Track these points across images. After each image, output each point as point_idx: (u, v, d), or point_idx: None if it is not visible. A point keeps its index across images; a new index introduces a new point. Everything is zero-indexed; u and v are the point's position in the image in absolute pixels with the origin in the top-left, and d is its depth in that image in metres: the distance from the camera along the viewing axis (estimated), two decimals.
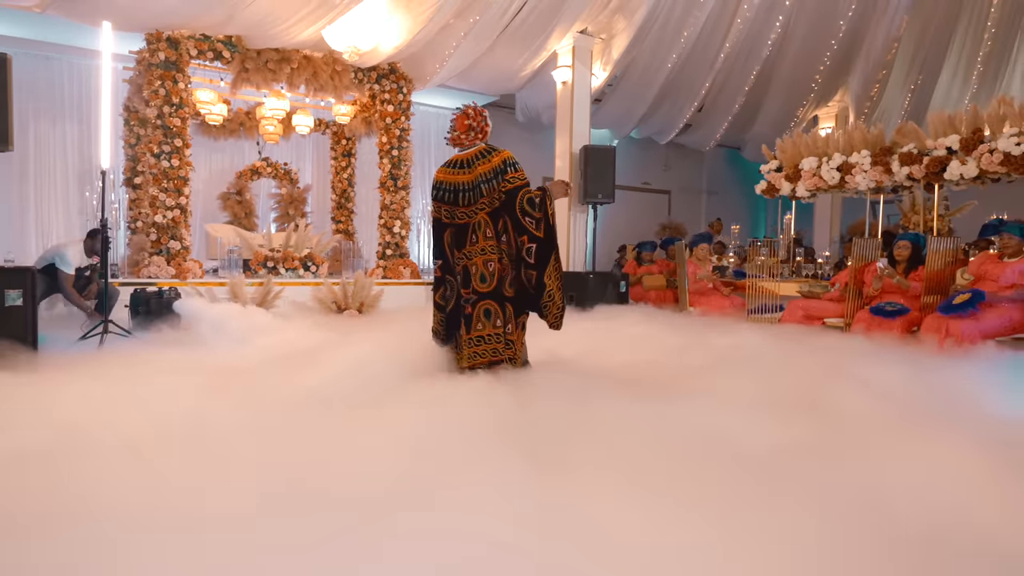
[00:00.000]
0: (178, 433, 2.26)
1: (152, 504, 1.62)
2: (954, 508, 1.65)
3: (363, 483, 1.77)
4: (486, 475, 1.82)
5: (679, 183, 14.07)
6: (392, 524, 1.54)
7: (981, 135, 5.69)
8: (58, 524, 1.52)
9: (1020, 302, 4.79)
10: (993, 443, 2.13)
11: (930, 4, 7.97)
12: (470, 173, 3.07)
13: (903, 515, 1.60)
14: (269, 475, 1.85)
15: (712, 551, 1.42)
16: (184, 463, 1.93)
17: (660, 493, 1.71)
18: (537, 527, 1.52)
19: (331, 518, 1.55)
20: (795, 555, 1.42)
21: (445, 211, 3.16)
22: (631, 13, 6.99)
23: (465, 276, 3.07)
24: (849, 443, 2.17)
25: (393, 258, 8.35)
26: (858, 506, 1.64)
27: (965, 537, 1.50)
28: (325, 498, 1.67)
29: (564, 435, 2.21)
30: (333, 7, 6.12)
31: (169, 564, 1.38)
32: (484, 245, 3.03)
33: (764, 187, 7.33)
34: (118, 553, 1.40)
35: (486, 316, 3.03)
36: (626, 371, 3.50)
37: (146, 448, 2.08)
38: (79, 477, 1.81)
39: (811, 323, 5.95)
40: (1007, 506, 1.69)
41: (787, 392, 2.91)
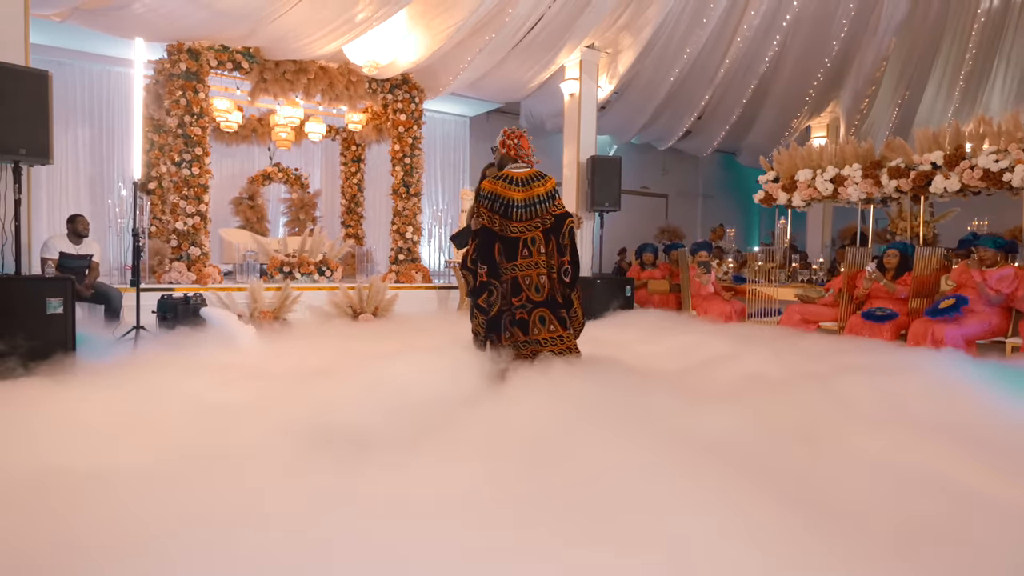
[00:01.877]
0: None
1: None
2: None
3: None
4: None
5: (676, 187, 14.47)
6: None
7: (963, 151, 6.13)
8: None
9: (999, 307, 5.23)
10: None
11: (917, 27, 8.50)
12: (524, 191, 3.36)
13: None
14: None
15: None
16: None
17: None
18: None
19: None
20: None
21: (499, 222, 3.37)
22: (638, 31, 7.37)
23: (515, 286, 3.34)
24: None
25: (406, 263, 8.63)
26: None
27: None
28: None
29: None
30: (356, 26, 6.42)
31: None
32: (537, 260, 3.34)
33: (762, 196, 7.73)
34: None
35: (541, 322, 3.36)
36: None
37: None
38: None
39: (808, 327, 6.37)
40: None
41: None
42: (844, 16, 8.03)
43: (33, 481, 1.94)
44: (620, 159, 8.14)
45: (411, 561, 1.51)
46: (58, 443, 2.38)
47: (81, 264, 5.48)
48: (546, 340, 3.37)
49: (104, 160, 9.03)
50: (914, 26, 8.43)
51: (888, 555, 1.59)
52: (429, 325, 6.98)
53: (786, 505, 1.82)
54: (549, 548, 1.57)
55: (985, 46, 9.09)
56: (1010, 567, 1.62)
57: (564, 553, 1.55)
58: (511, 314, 3.37)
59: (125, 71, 8.75)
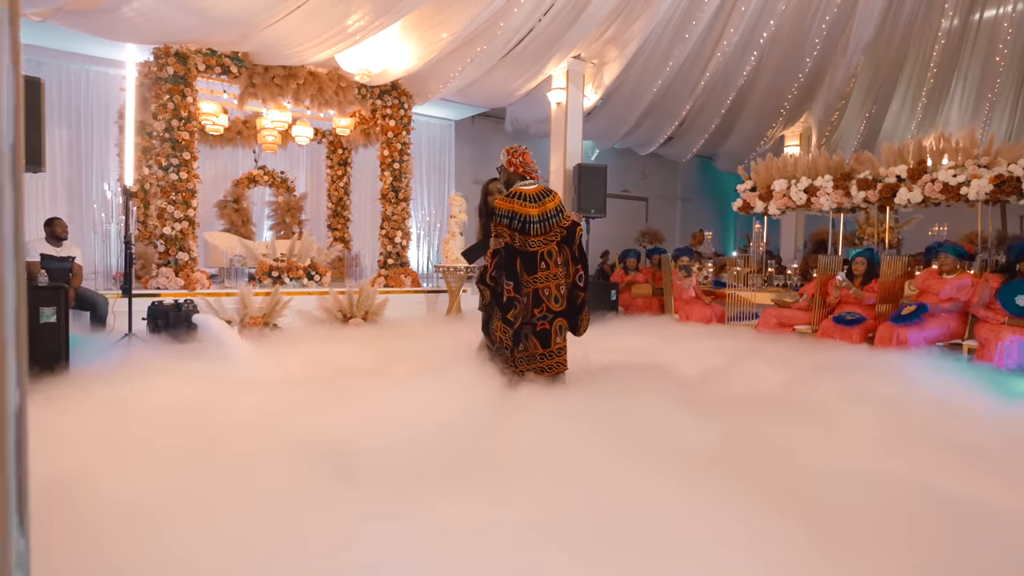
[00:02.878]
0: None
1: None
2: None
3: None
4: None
5: (656, 191, 14.82)
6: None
7: (925, 166, 6.55)
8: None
9: (957, 312, 5.64)
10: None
11: (883, 47, 9.02)
12: (539, 207, 3.54)
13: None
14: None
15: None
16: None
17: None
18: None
19: None
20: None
21: (518, 239, 3.53)
22: (624, 44, 7.66)
23: (535, 298, 3.53)
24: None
25: (395, 267, 8.74)
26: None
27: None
28: None
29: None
30: (349, 36, 6.54)
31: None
32: (555, 271, 3.55)
33: (740, 204, 8.09)
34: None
35: (560, 331, 3.59)
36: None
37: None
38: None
39: (783, 330, 6.73)
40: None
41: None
42: (817, 36, 8.47)
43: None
44: (605, 167, 8.42)
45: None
46: (54, 465, 2.16)
47: (63, 267, 5.40)
48: (560, 350, 3.58)
49: (82, 162, 8.82)
50: (880, 46, 8.97)
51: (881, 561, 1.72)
52: (420, 330, 7.12)
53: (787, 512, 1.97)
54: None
55: (945, 66, 9.73)
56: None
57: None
58: (531, 326, 3.52)
59: (104, 71, 8.60)
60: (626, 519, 1.90)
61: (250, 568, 1.62)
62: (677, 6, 7.43)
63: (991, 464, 2.50)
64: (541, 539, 1.79)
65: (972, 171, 6.08)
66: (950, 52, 9.45)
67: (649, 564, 1.68)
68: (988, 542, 1.85)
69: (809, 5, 8.12)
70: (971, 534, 1.88)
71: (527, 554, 1.72)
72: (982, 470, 2.40)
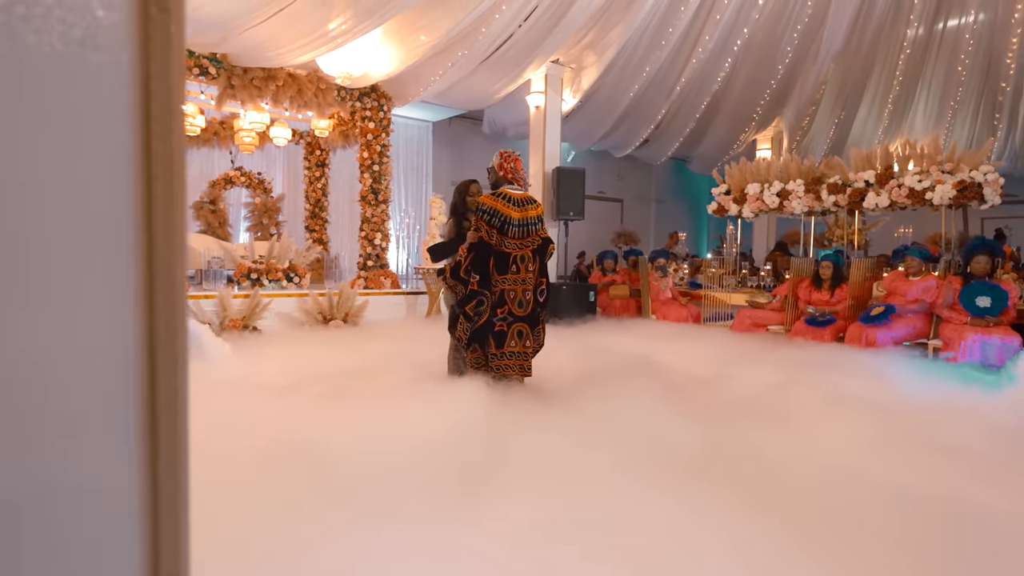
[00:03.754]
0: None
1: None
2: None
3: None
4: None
5: (631, 192, 15.02)
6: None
7: (891, 171, 6.79)
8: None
9: (922, 313, 5.88)
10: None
11: (851, 56, 9.36)
12: (520, 211, 3.60)
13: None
14: None
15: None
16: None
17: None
18: None
19: None
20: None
21: (495, 237, 3.57)
22: (602, 50, 7.80)
23: (501, 298, 3.57)
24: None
25: (374, 269, 8.75)
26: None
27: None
28: None
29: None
30: (331, 40, 6.55)
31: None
32: (525, 276, 3.59)
33: (715, 207, 8.28)
34: None
35: (519, 336, 3.61)
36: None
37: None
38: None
39: (758, 330, 6.93)
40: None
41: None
42: (788, 44, 8.74)
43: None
44: (583, 170, 8.55)
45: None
46: None
47: None
48: (518, 354, 3.59)
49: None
50: (849, 55, 9.31)
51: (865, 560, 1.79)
52: (400, 332, 7.18)
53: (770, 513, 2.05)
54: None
55: (910, 74, 10.13)
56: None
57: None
58: (491, 325, 3.56)
59: None
60: (615, 528, 1.94)
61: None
62: (654, 14, 7.59)
63: (974, 463, 2.62)
64: (534, 546, 1.83)
65: (936, 177, 6.33)
66: (915, 61, 9.85)
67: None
68: (976, 541, 1.91)
69: (781, 15, 8.37)
70: (959, 534, 1.94)
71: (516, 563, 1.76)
72: (970, 472, 2.51)
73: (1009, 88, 9.66)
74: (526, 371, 3.66)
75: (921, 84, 10.28)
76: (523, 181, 3.78)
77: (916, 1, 8.93)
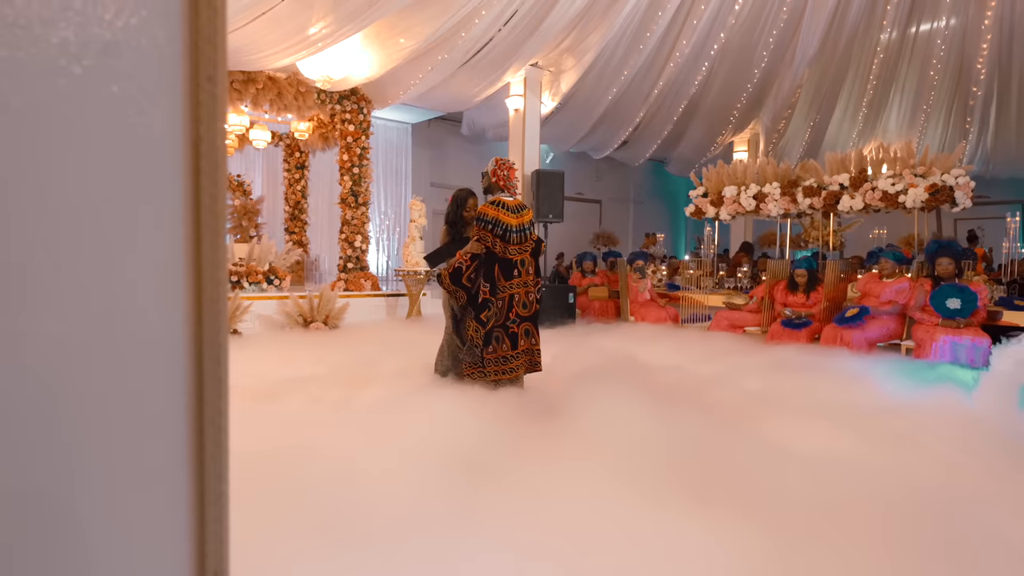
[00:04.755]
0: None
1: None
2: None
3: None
4: None
5: (609, 193, 15.11)
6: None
7: (865, 175, 6.94)
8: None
9: (896, 315, 6.02)
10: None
11: (826, 61, 9.53)
12: (518, 218, 3.80)
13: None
14: None
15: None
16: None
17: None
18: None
19: None
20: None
21: (500, 246, 3.73)
22: (581, 55, 7.86)
23: (509, 303, 3.76)
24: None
25: (355, 271, 8.73)
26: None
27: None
28: None
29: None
30: (311, 44, 6.52)
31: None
32: (526, 279, 3.81)
33: (692, 210, 8.38)
34: None
35: (527, 335, 3.84)
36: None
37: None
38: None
39: (735, 331, 7.03)
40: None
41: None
42: (764, 49, 8.87)
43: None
44: (563, 173, 8.60)
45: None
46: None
47: None
48: (527, 351, 3.84)
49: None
50: (824, 60, 9.48)
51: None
52: (381, 334, 7.17)
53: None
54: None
55: (884, 78, 10.36)
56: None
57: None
58: (503, 328, 3.75)
59: None
60: (602, 537, 1.98)
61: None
62: (632, 18, 7.66)
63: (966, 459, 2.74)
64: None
65: (909, 180, 6.47)
66: (889, 66, 10.07)
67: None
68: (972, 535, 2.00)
69: (757, 20, 8.50)
70: (945, 527, 2.02)
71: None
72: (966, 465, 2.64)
73: (980, 93, 9.91)
74: (537, 365, 3.91)
75: (894, 88, 10.52)
76: (514, 190, 3.91)
77: (889, 7, 9.12)
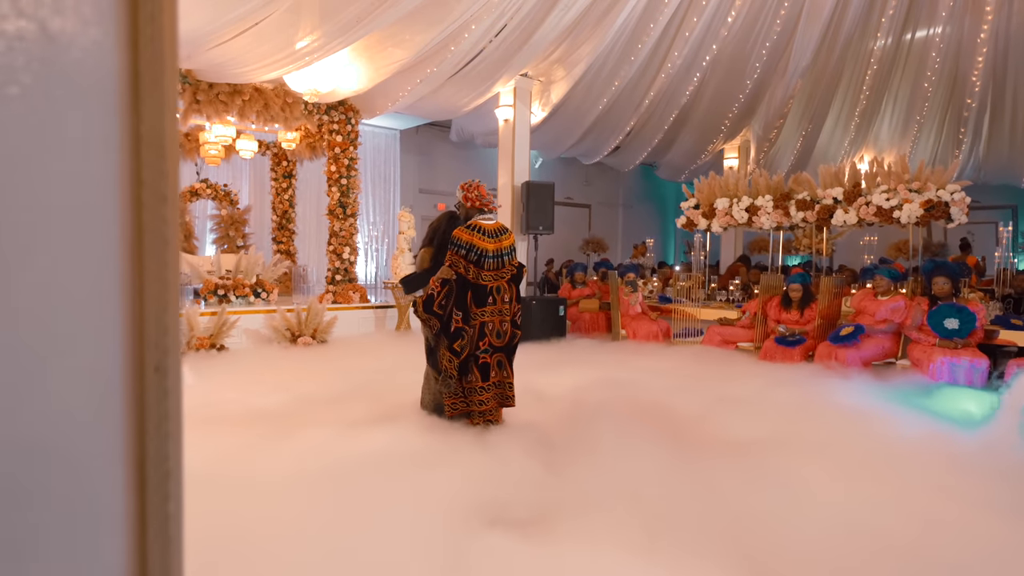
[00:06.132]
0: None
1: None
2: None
3: None
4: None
5: (598, 197, 15.04)
6: None
7: (859, 189, 6.90)
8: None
9: (891, 333, 5.98)
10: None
11: (819, 72, 9.48)
12: (495, 243, 3.60)
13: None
14: None
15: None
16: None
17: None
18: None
19: None
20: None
21: (472, 271, 3.56)
22: (571, 66, 7.77)
23: (480, 332, 3.58)
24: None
25: (343, 283, 8.60)
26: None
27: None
28: None
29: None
30: (298, 58, 6.40)
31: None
32: (502, 307, 3.61)
33: (684, 222, 8.32)
34: None
35: (499, 366, 3.64)
36: None
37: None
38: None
39: (727, 347, 6.98)
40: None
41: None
42: (757, 60, 8.82)
43: None
44: (553, 184, 8.52)
45: None
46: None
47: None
48: (499, 383, 3.64)
49: None
50: (817, 71, 9.44)
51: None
52: (370, 349, 7.07)
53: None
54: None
55: (877, 88, 10.33)
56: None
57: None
58: (475, 358, 3.58)
59: None
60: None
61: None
62: (624, 30, 7.57)
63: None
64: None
65: (904, 195, 6.43)
66: (882, 75, 10.05)
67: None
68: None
69: (750, 33, 8.44)
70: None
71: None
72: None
73: (975, 104, 9.94)
74: (508, 400, 3.69)
75: (887, 98, 10.51)
76: (492, 205, 3.77)
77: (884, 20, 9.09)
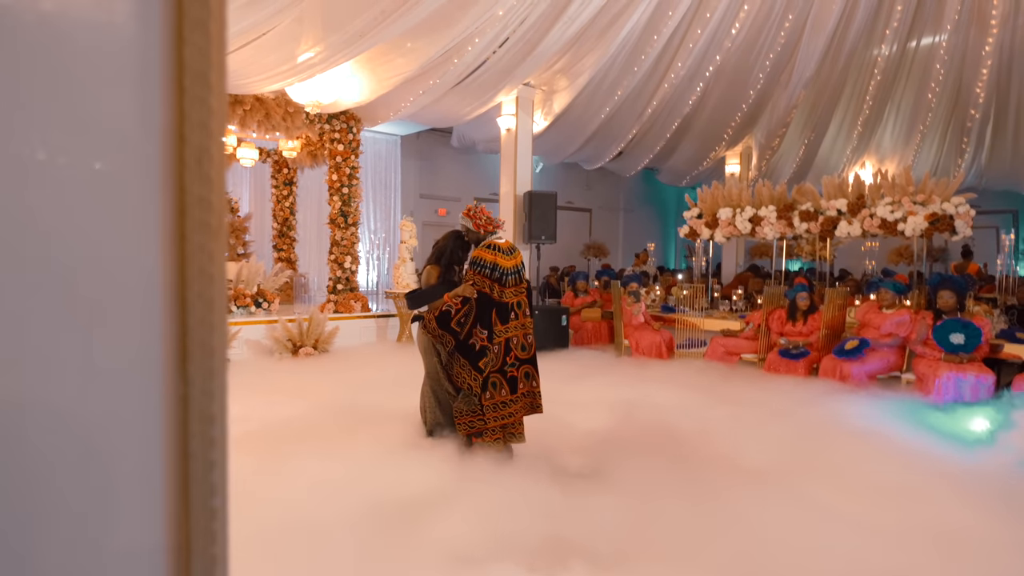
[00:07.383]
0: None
1: None
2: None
3: None
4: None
5: (599, 202, 15.01)
6: None
7: (863, 201, 6.87)
8: None
9: (896, 346, 5.97)
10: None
11: (823, 82, 9.47)
12: (512, 260, 3.70)
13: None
14: None
15: None
16: None
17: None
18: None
19: None
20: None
21: (496, 290, 3.63)
22: (575, 76, 7.74)
23: (506, 347, 3.64)
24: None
25: (344, 292, 8.55)
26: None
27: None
28: None
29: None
30: (301, 71, 6.35)
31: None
32: (524, 321, 3.70)
33: (687, 231, 8.29)
34: None
35: (527, 377, 3.71)
36: None
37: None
38: None
39: (731, 359, 6.96)
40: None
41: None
42: (761, 71, 8.81)
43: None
44: (555, 194, 8.48)
45: None
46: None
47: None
48: (528, 393, 3.72)
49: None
50: (820, 81, 9.43)
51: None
52: (372, 361, 7.03)
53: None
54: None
55: (880, 97, 10.33)
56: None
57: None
58: (501, 373, 3.63)
59: None
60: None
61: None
62: (628, 41, 7.54)
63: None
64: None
65: (908, 208, 6.41)
66: (886, 85, 10.05)
67: None
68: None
69: (754, 44, 8.41)
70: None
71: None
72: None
73: (978, 115, 9.93)
74: (537, 407, 3.79)
75: (890, 107, 10.50)
76: (499, 224, 3.86)
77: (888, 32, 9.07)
